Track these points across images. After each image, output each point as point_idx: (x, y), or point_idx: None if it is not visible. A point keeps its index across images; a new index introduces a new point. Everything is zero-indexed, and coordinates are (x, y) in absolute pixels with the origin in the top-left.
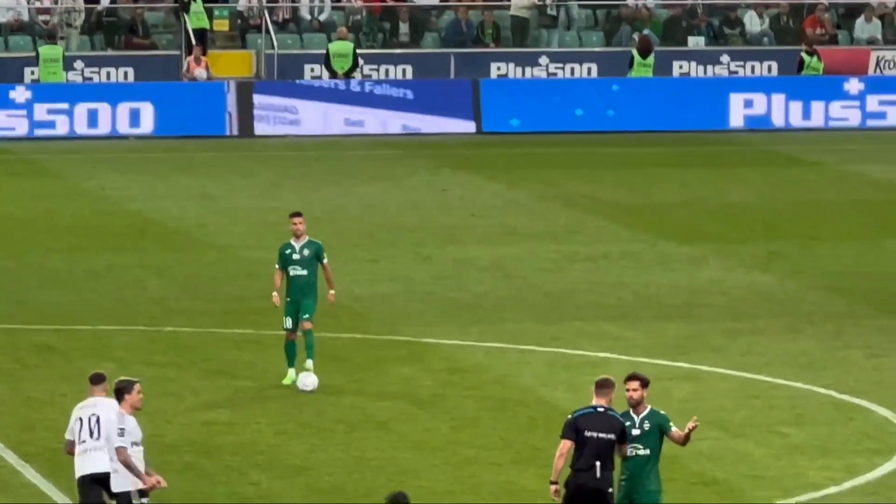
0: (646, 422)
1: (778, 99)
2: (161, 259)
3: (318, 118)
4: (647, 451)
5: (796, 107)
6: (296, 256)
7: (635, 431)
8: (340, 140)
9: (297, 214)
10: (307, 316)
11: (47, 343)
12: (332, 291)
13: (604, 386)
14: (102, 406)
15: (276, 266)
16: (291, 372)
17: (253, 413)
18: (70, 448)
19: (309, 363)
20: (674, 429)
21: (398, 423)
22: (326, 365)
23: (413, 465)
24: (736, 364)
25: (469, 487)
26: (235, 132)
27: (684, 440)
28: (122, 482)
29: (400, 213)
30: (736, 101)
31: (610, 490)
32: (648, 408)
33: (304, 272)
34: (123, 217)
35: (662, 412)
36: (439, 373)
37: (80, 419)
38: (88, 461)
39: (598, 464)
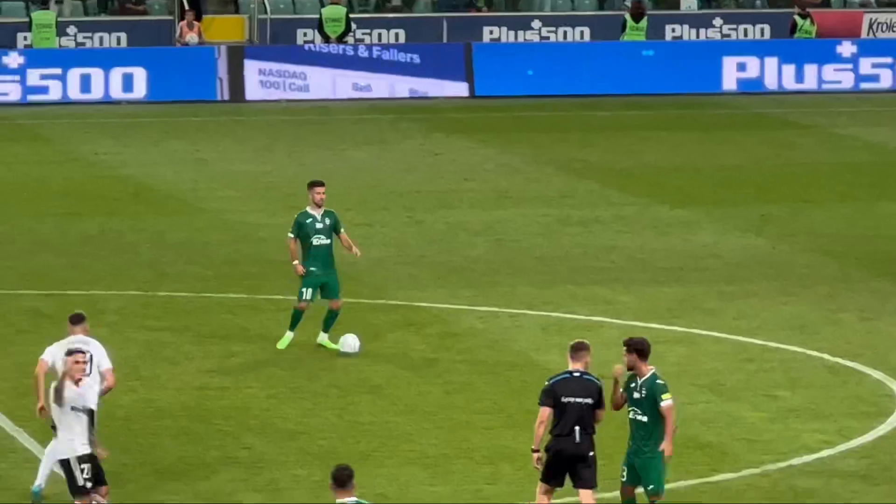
0: (644, 388)
1: (771, 62)
2: (154, 224)
3: (315, 82)
4: (645, 418)
5: (789, 70)
6: (318, 225)
7: (636, 395)
8: (333, 104)
9: (321, 184)
10: (337, 296)
11: (40, 308)
12: (355, 249)
13: (578, 350)
14: (95, 346)
15: (291, 235)
16: (290, 335)
17: (246, 377)
18: (42, 368)
19: (325, 336)
20: (664, 402)
21: (391, 387)
22: (319, 329)
23: (406, 430)
24: (729, 327)
25: (462, 451)
26: (226, 97)
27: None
28: (61, 449)
29: (392, 178)
30: (729, 64)
31: (591, 454)
32: (649, 374)
33: (327, 241)
34: (116, 182)
35: (661, 381)
36: (432, 337)
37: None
38: None
39: (577, 429)
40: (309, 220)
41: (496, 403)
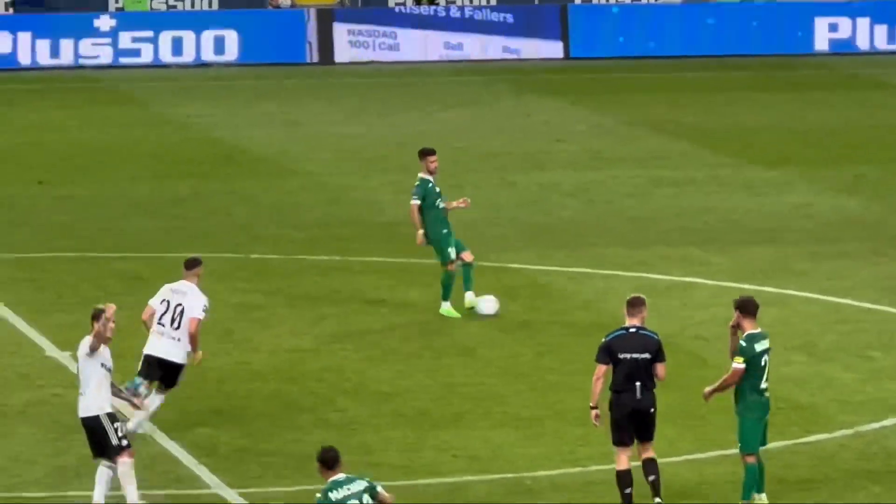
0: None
1: (863, 22)
2: (246, 186)
3: (406, 43)
4: None
5: (881, 30)
6: (438, 189)
7: None
8: (423, 66)
9: (433, 152)
10: (466, 248)
11: (133, 271)
12: (465, 201)
13: (635, 305)
14: (191, 297)
15: (417, 200)
16: (448, 305)
17: (338, 340)
18: (148, 315)
19: (471, 295)
20: (734, 364)
21: (484, 348)
22: (412, 291)
23: (499, 391)
24: (822, 288)
25: (555, 413)
26: (316, 59)
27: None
28: (88, 406)
29: (484, 139)
30: (821, 25)
31: (652, 410)
32: (748, 332)
33: (445, 203)
34: (208, 144)
35: (744, 343)
36: (524, 298)
37: (168, 302)
38: (160, 345)
39: (637, 384)
40: (431, 185)
41: (588, 365)
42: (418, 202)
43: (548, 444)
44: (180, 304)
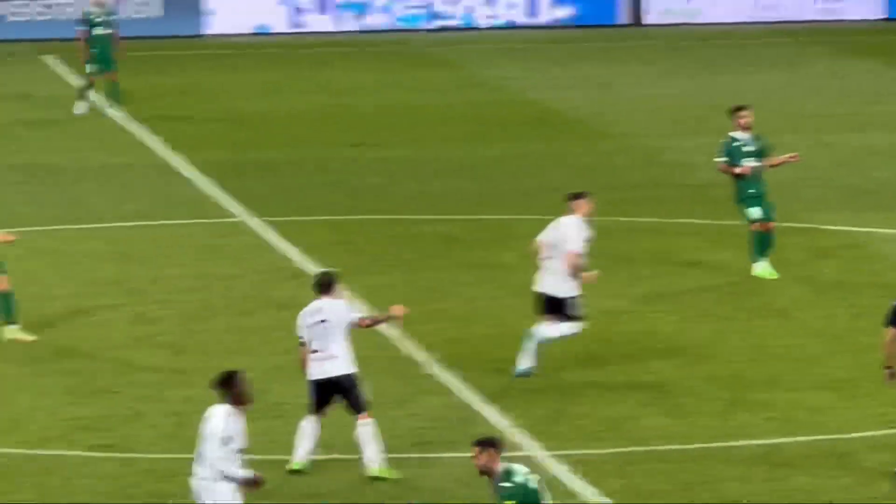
0: None
1: None
2: (560, 148)
3: (717, 3)
4: None
5: None
6: (750, 148)
7: None
8: (735, 27)
9: (743, 108)
10: (770, 217)
11: (448, 233)
12: (793, 156)
13: None
14: (568, 230)
15: (721, 159)
16: (764, 264)
17: (653, 302)
18: (535, 250)
19: (763, 263)
20: None
21: (798, 310)
22: (725, 253)
23: (813, 352)
24: None
25: (869, 375)
26: (626, 21)
27: None
28: (342, 365)
29: (799, 100)
30: None
31: None
32: None
33: (756, 163)
34: (522, 106)
35: None
36: (839, 260)
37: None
38: (540, 280)
39: None
40: (736, 144)
41: None
42: (722, 160)
43: (863, 405)
44: (554, 233)
